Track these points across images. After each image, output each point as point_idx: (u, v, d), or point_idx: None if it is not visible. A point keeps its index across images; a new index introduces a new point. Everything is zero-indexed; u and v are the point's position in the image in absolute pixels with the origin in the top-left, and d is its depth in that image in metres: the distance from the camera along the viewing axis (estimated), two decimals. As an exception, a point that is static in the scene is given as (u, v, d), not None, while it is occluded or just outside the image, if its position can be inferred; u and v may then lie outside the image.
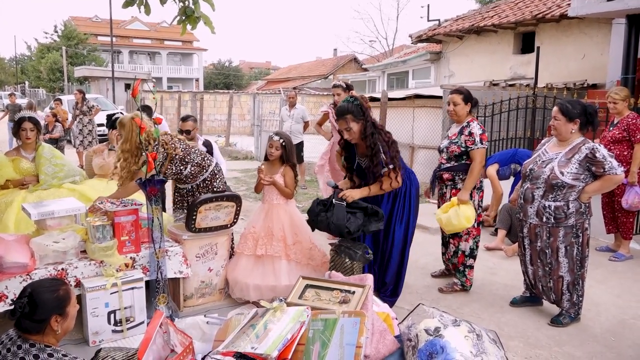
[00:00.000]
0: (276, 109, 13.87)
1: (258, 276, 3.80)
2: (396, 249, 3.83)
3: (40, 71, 35.49)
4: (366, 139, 3.61)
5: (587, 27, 9.78)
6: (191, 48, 49.30)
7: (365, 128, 3.63)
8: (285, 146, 3.96)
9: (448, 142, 4.20)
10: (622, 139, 5.07)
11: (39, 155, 4.28)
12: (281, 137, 3.98)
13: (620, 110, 5.12)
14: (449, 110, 4.20)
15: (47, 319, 2.21)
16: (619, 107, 5.11)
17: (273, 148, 3.97)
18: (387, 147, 3.62)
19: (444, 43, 13.35)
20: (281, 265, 3.82)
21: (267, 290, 3.72)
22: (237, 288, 3.86)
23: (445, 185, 4.24)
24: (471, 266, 4.24)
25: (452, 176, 4.17)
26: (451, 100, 4.17)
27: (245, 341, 2.55)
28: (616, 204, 5.18)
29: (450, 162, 4.16)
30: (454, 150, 4.11)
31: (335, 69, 33.51)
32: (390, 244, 3.83)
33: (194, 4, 3.85)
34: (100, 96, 19.53)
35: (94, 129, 10.70)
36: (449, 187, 4.21)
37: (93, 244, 3.33)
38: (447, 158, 4.17)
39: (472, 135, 4.02)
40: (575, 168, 3.47)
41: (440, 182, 4.28)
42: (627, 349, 3.38)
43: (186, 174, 3.94)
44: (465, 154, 4.08)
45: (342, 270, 3.44)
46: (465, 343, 2.50)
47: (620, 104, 5.09)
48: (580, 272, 3.62)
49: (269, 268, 3.82)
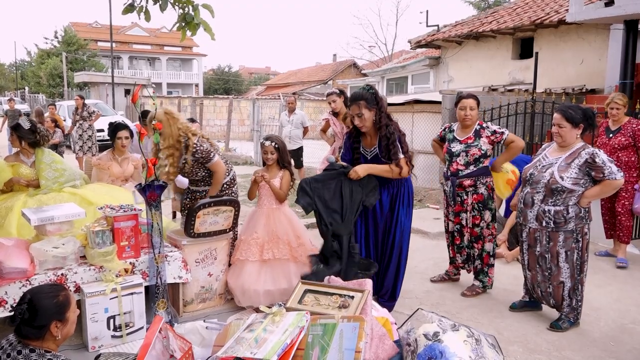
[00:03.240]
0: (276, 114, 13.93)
1: (268, 281, 3.77)
2: (395, 252, 3.84)
3: (40, 77, 35.54)
4: (381, 128, 3.70)
5: (585, 33, 9.82)
6: (191, 53, 49.42)
7: (380, 118, 3.70)
8: (279, 148, 3.99)
9: (463, 145, 4.21)
10: (627, 145, 5.10)
11: (38, 161, 4.26)
12: (272, 141, 4.00)
13: (620, 117, 5.18)
14: (465, 114, 4.21)
15: (46, 325, 2.21)
16: (620, 113, 5.16)
17: (268, 153, 4.00)
18: (401, 138, 3.75)
19: (443, 48, 13.39)
20: (289, 267, 3.81)
21: (279, 294, 3.67)
22: (246, 296, 3.80)
23: (465, 191, 4.25)
24: (493, 265, 4.34)
25: (474, 182, 4.20)
26: (468, 105, 4.21)
27: (244, 346, 2.55)
28: (620, 207, 5.17)
29: (469, 168, 4.18)
30: (475, 153, 4.16)
31: (334, 74, 33.60)
32: (390, 248, 3.85)
33: (194, 10, 3.87)
34: (100, 102, 19.55)
35: (93, 135, 10.71)
36: (470, 193, 4.23)
37: (92, 249, 3.34)
38: (466, 163, 4.19)
39: (496, 132, 4.21)
40: (575, 173, 3.48)
41: (459, 189, 4.26)
42: (626, 354, 3.38)
43: (204, 174, 4.04)
44: (484, 156, 4.18)
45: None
46: (464, 348, 2.51)
47: (622, 110, 5.15)
48: (580, 277, 3.62)
49: (277, 271, 3.80)
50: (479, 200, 4.21)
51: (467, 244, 4.34)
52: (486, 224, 4.24)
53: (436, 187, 8.31)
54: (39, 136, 4.26)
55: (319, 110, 21.62)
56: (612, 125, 5.24)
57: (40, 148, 4.32)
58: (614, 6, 7.17)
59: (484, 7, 23.87)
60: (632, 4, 6.83)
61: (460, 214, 4.30)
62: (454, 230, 4.41)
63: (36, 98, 33.37)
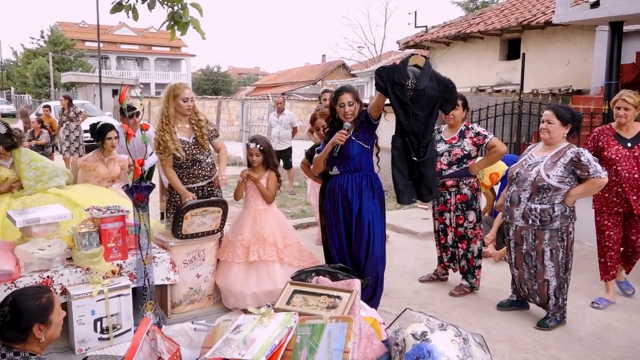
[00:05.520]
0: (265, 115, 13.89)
1: (253, 283, 3.76)
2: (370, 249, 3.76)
3: (26, 77, 35.15)
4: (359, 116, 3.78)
5: (572, 34, 9.93)
6: (179, 54, 49.17)
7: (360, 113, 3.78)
8: (263, 150, 3.98)
9: (448, 145, 4.24)
10: None
11: (17, 161, 4.15)
12: (257, 143, 3.99)
13: (630, 120, 4.02)
14: (447, 115, 4.23)
15: (29, 328, 2.18)
16: (630, 116, 3.99)
17: (253, 155, 3.99)
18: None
19: (431, 49, 13.45)
20: (275, 269, 3.80)
21: (265, 297, 3.67)
22: (232, 298, 3.81)
23: (448, 191, 4.28)
24: (480, 266, 4.34)
25: (456, 182, 4.22)
26: None
27: (232, 347, 2.54)
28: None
29: (452, 168, 4.21)
30: (458, 153, 4.18)
31: (323, 75, 33.62)
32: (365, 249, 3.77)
33: (183, 9, 3.84)
34: (87, 102, 19.38)
35: (80, 135, 10.60)
36: (453, 193, 4.26)
37: (79, 251, 3.30)
38: (449, 163, 4.22)
39: (480, 133, 4.20)
40: (561, 171, 3.52)
41: (442, 189, 4.28)
42: (611, 352, 3.42)
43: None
44: (467, 157, 4.18)
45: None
46: (451, 347, 2.52)
47: (632, 111, 3.97)
48: (565, 276, 3.66)
49: (263, 273, 3.79)
50: (462, 200, 4.24)
51: (452, 243, 4.37)
52: (471, 225, 4.26)
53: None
54: (15, 138, 4.17)
55: (309, 110, 21.57)
56: (621, 130, 4.08)
57: (18, 149, 4.20)
58: (599, 8, 7.25)
59: (472, 9, 24.03)
60: (617, 6, 6.91)
61: (444, 213, 4.34)
62: (439, 230, 4.45)
63: (22, 98, 33.02)
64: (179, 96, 3.88)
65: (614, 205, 4.10)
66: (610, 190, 4.06)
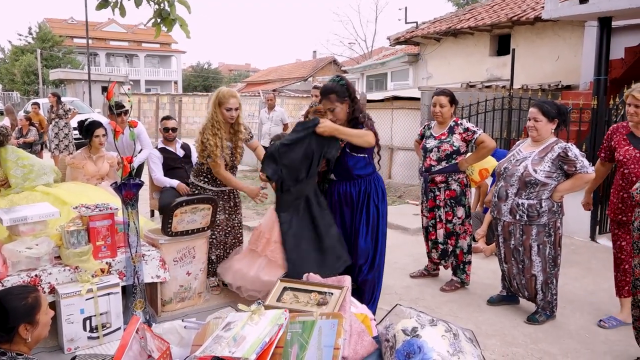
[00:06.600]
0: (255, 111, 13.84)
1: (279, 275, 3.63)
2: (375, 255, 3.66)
3: (14, 74, 34.77)
4: (357, 119, 3.45)
5: (561, 30, 9.98)
6: (169, 50, 48.82)
7: (353, 110, 3.45)
8: None
9: (437, 141, 4.24)
10: None
11: (3, 160, 4.10)
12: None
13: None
14: (434, 111, 4.24)
15: (15, 328, 2.16)
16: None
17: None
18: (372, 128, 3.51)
19: (422, 45, 13.47)
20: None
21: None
22: (257, 284, 3.68)
23: (438, 187, 4.28)
24: (470, 262, 4.35)
25: (445, 178, 4.22)
26: (437, 102, 4.22)
27: (222, 345, 2.53)
28: None
29: (441, 164, 4.21)
30: (447, 149, 4.18)
31: (314, 71, 33.53)
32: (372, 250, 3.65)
33: (170, 6, 3.80)
34: (76, 99, 19.16)
35: (70, 133, 10.51)
36: (442, 189, 4.26)
37: (67, 250, 3.27)
38: (438, 159, 4.21)
39: (469, 129, 4.19)
40: (548, 166, 3.53)
41: (431, 185, 4.29)
42: (600, 345, 3.45)
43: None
44: (456, 152, 4.17)
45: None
46: (442, 342, 2.52)
47: None
48: (554, 271, 3.68)
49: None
50: (451, 196, 4.24)
51: (442, 240, 4.38)
52: (460, 221, 4.27)
53: (415, 183, 8.37)
54: (1, 136, 4.12)
55: (299, 107, 21.54)
56: (636, 130, 3.57)
57: (4, 147, 4.16)
58: (588, 3, 7.29)
59: (462, 4, 24.08)
60: (605, 2, 6.95)
61: (434, 209, 4.35)
62: (428, 226, 4.45)
63: (10, 96, 32.64)
64: (223, 105, 3.89)
65: (619, 213, 3.65)
66: (617, 195, 3.68)
